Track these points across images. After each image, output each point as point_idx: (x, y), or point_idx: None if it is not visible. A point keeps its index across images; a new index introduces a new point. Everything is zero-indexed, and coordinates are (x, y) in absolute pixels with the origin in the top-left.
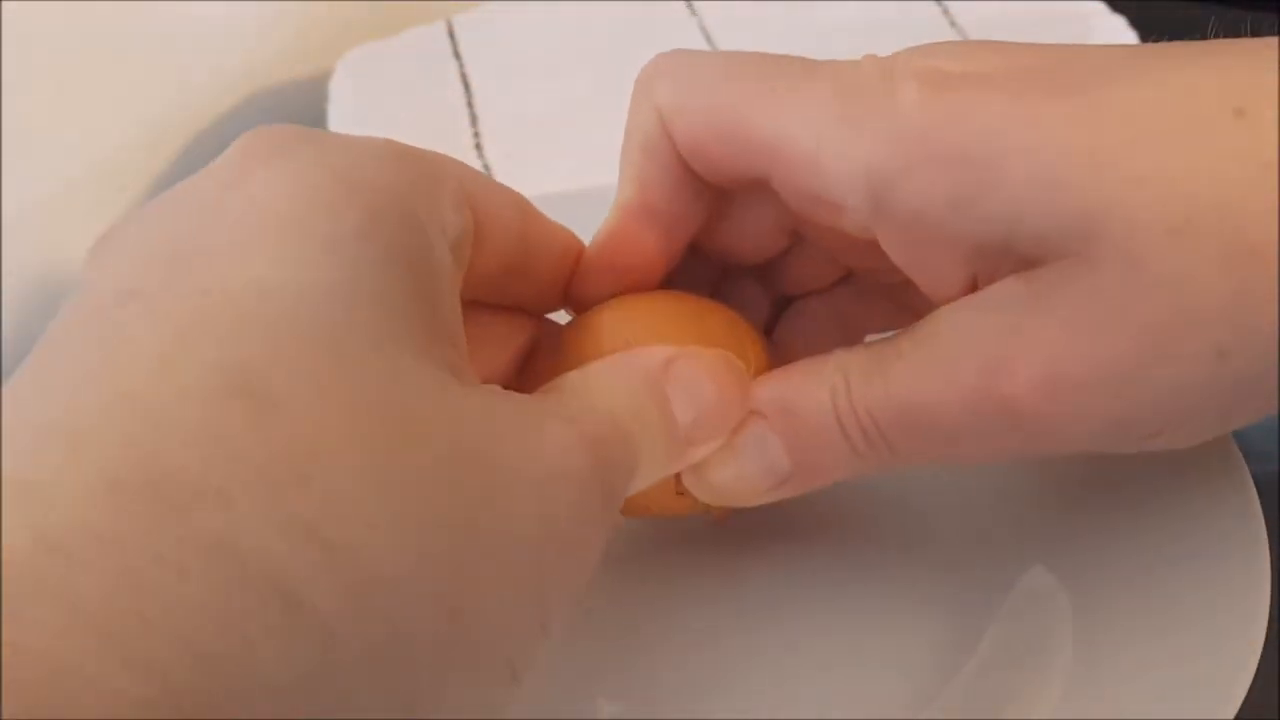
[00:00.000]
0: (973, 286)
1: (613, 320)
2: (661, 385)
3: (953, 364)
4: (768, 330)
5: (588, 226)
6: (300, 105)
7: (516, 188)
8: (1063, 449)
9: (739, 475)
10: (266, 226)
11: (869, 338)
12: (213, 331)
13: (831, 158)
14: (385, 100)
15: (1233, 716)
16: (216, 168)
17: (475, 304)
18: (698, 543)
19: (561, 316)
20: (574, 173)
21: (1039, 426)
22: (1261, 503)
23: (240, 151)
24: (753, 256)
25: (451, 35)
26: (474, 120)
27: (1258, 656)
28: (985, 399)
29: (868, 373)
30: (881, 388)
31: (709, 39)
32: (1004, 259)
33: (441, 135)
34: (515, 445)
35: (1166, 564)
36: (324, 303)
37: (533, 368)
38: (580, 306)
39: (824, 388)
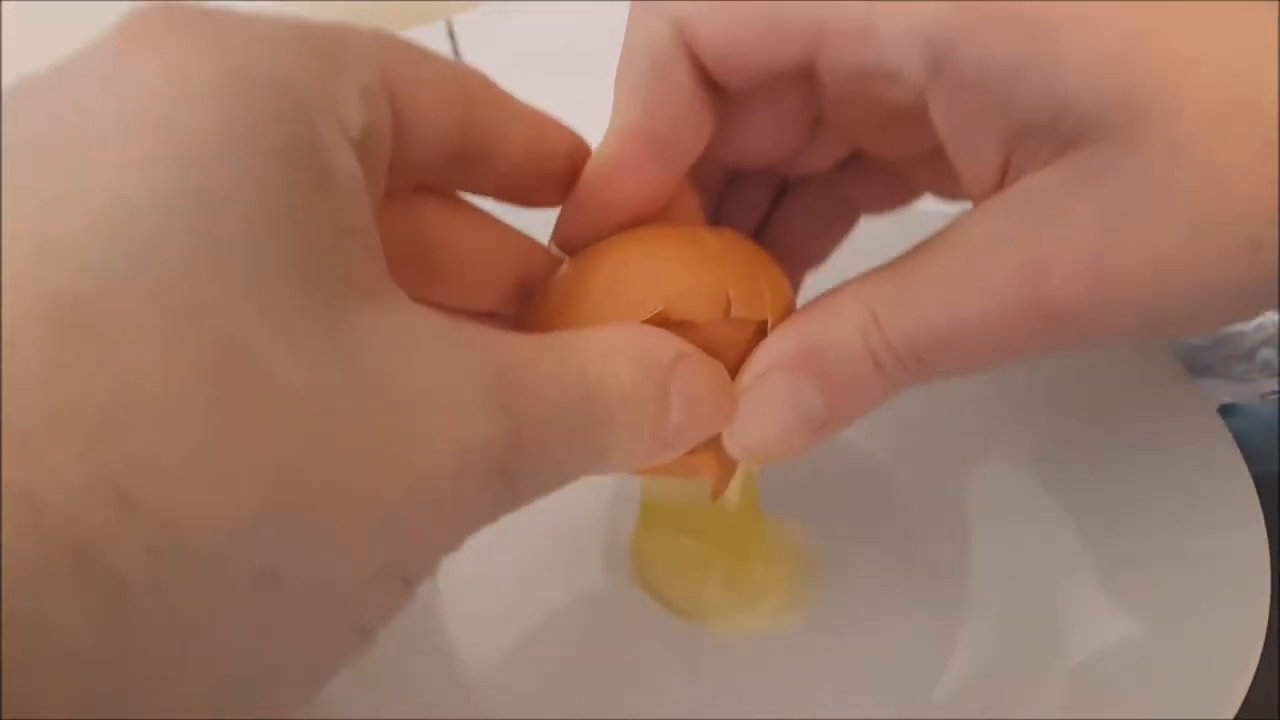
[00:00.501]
0: (1002, 177)
1: (619, 269)
2: (667, 383)
3: (988, 273)
4: (765, 216)
5: None
6: None
7: None
8: (1093, 345)
9: (780, 434)
10: (130, 128)
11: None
12: (56, 254)
13: (887, 24)
14: None
15: (1233, 716)
16: (92, 52)
17: (468, 213)
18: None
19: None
20: None
21: (1078, 325)
22: (1261, 503)
23: (118, 36)
24: (764, 158)
25: (451, 35)
26: None
27: (1258, 656)
28: (1027, 304)
29: (894, 301)
30: (914, 314)
31: None
32: (1045, 141)
33: None
34: (397, 398)
35: (1166, 564)
36: (183, 221)
37: (530, 309)
38: (570, 245)
39: (851, 328)
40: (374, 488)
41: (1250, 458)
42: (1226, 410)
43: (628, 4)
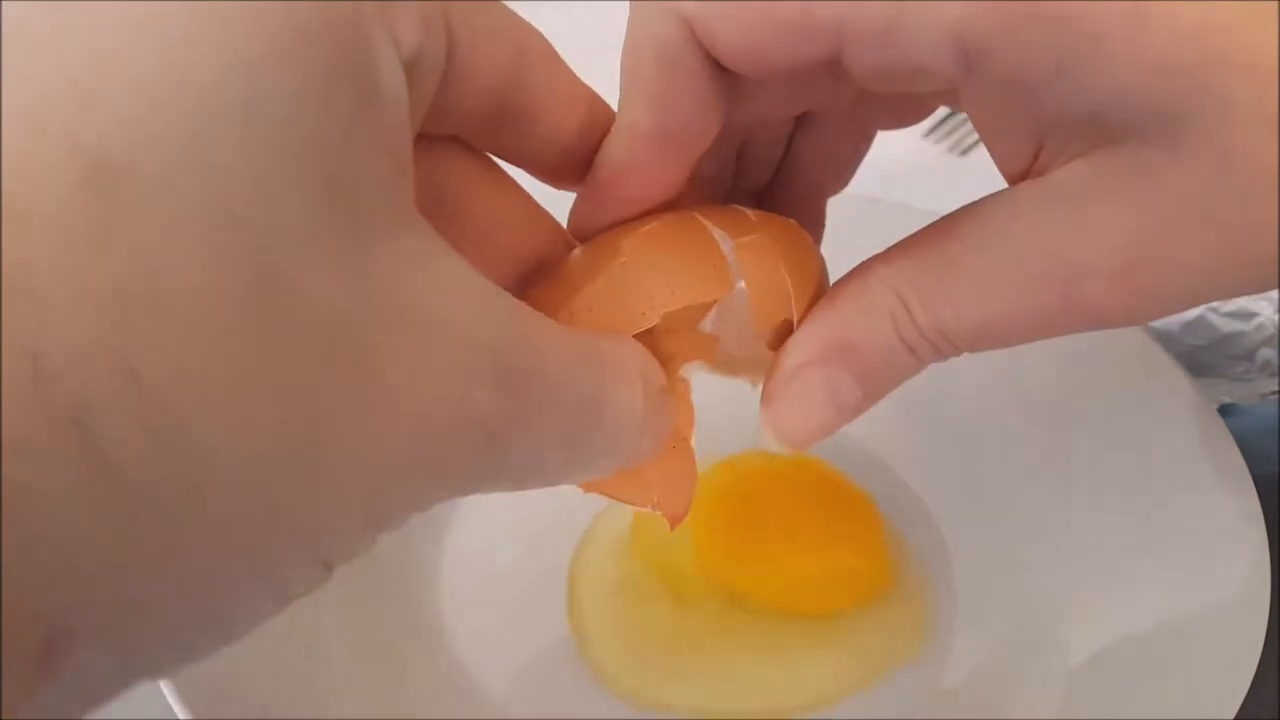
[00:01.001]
0: (1033, 161)
1: (625, 271)
2: (656, 413)
3: (1025, 274)
4: (782, 157)
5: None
6: None
7: None
8: (1119, 326)
9: (819, 424)
10: (192, 9)
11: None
12: (96, 107)
13: (914, 23)
14: None
15: (1233, 716)
16: None
17: (498, 177)
18: None
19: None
20: None
21: (1110, 321)
22: (1261, 503)
23: None
24: (780, 118)
25: None
26: None
27: (1258, 657)
28: (1062, 305)
29: (927, 293)
30: (949, 307)
31: None
32: (1080, 135)
33: None
34: (411, 341)
35: (1167, 564)
36: (229, 115)
37: (537, 287)
38: (583, 235)
39: (884, 318)
40: (371, 427)
41: (1250, 457)
42: (1226, 410)
43: (628, 4)
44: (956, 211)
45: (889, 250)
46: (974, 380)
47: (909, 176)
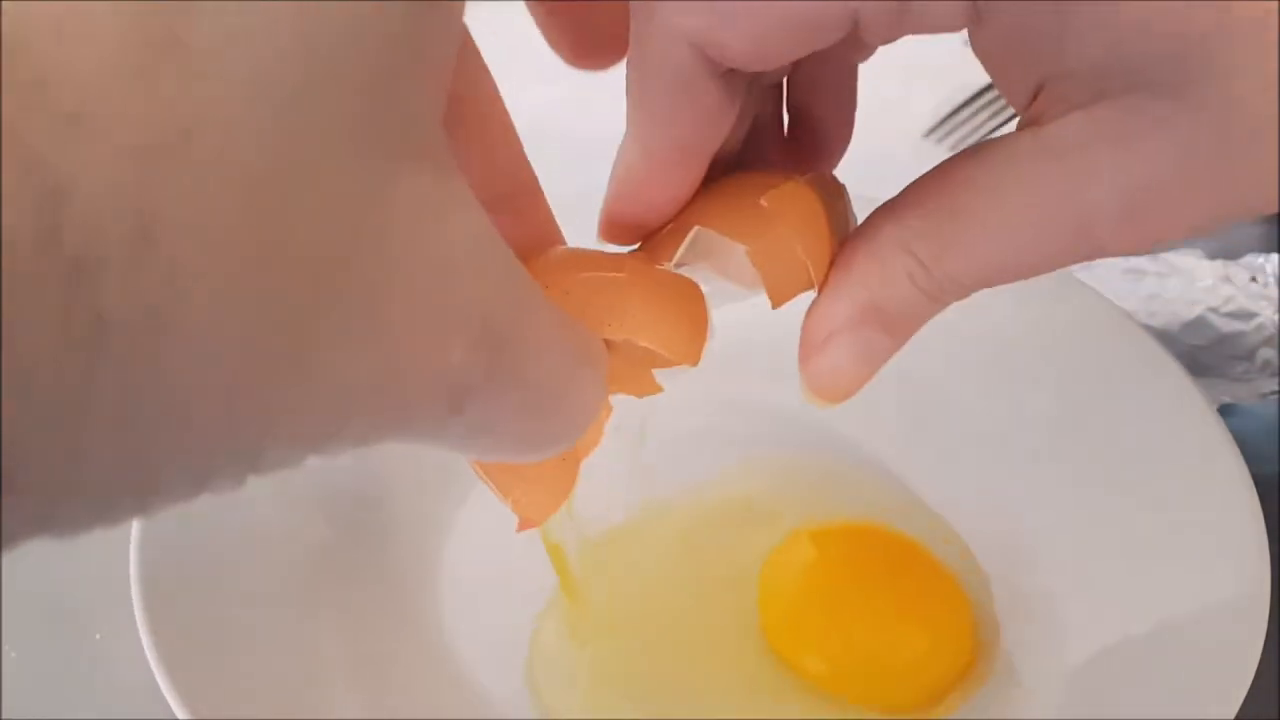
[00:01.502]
0: (1034, 97)
1: (625, 290)
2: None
3: (1038, 223)
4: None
5: (587, 227)
6: None
7: None
8: (1124, 255)
9: (854, 381)
10: None
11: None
12: None
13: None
14: None
15: (1233, 716)
16: None
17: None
18: None
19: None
20: (571, 173)
21: (1118, 254)
22: (1261, 503)
23: None
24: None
25: None
26: None
27: (1258, 656)
28: (1074, 246)
29: (941, 248)
30: (963, 260)
31: None
32: (1083, 85)
33: None
34: (403, 284)
35: (1167, 564)
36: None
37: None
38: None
39: (901, 277)
40: (350, 353)
41: (1249, 457)
42: (1226, 410)
43: (628, 3)
44: (959, 157)
45: (895, 203)
46: (973, 380)
47: (909, 176)
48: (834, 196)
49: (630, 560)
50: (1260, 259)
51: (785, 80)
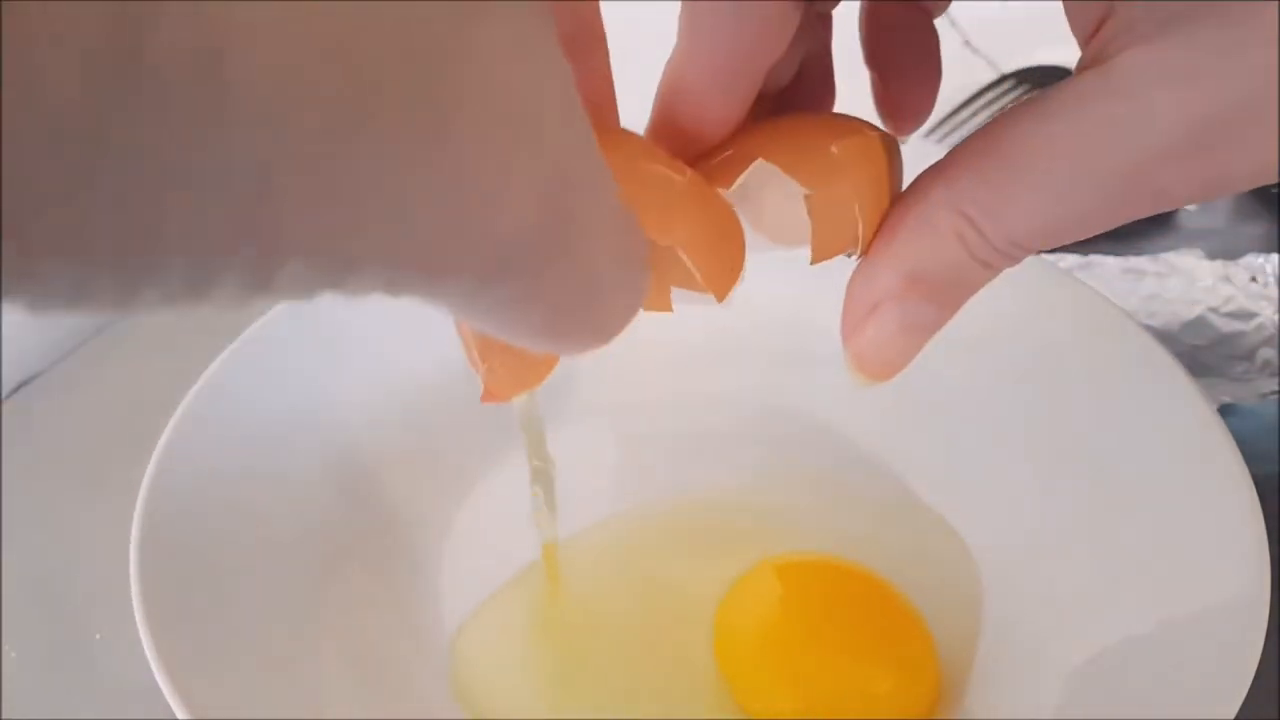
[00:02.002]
0: (1098, 27)
1: (675, 197)
2: None
3: (1096, 169)
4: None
5: None
6: None
7: None
8: (1185, 205)
9: (901, 354)
10: None
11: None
12: None
13: None
14: None
15: (1233, 717)
16: None
17: None
18: None
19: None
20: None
21: (1180, 203)
22: (1261, 503)
23: None
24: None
25: None
26: None
27: (1258, 657)
28: (1135, 197)
29: (994, 207)
30: (1019, 219)
31: None
32: (1151, 10)
33: None
34: (489, 115)
35: (1166, 564)
36: None
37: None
38: None
39: (951, 242)
40: (410, 179)
41: (1249, 457)
42: (1226, 410)
43: (628, 4)
44: (1009, 113)
45: (943, 164)
46: (971, 379)
47: (909, 176)
48: (895, 158)
49: (594, 567)
50: (1260, 259)
51: (861, 37)
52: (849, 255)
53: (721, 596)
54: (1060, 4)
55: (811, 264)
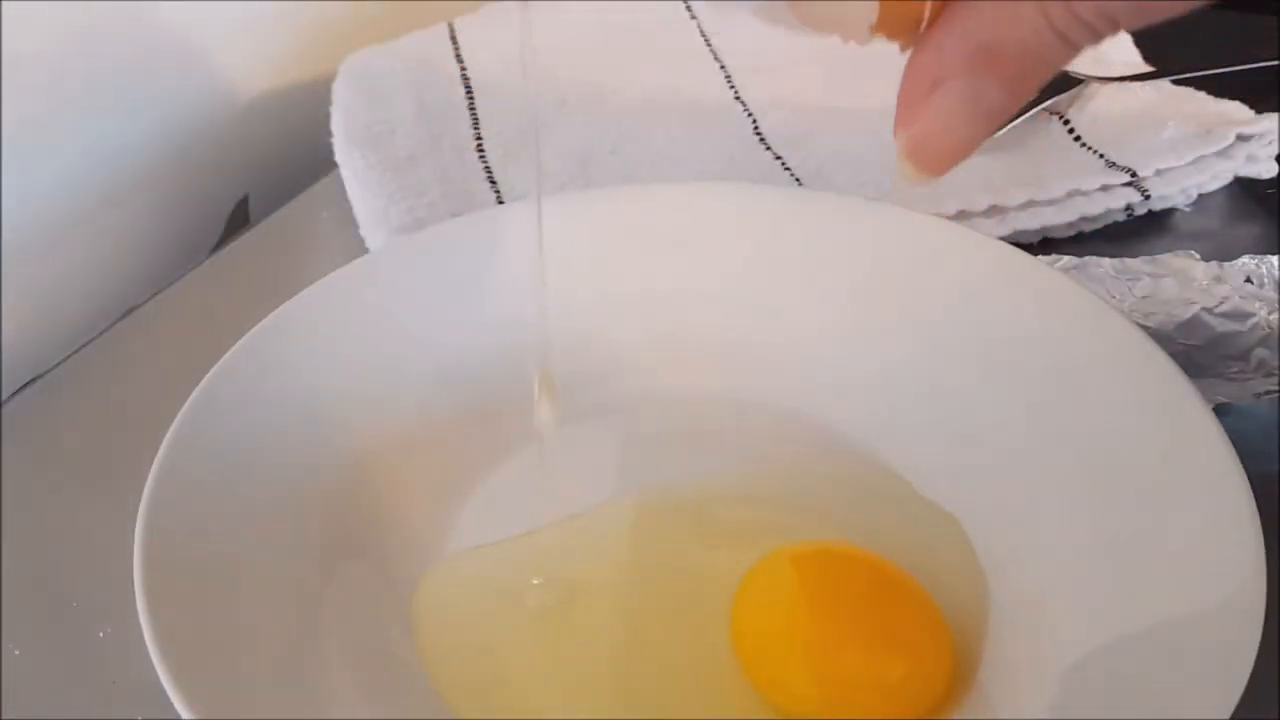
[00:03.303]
0: None
1: None
2: None
3: None
4: None
5: (587, 227)
6: (304, 107)
7: (516, 189)
8: None
9: (963, 140)
10: None
11: None
12: None
13: None
14: (388, 102)
15: (1227, 717)
16: None
17: None
18: None
19: None
20: (575, 174)
21: None
22: (1260, 503)
23: None
24: None
25: (453, 38)
26: (475, 122)
27: (1253, 656)
28: None
29: None
30: None
31: (708, 41)
32: None
33: (443, 136)
34: None
35: (1161, 564)
36: None
37: None
38: None
39: (1031, 9)
40: None
41: (1244, 457)
42: (1220, 410)
43: (628, 4)
44: None
45: None
46: (967, 379)
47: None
48: None
49: (607, 551)
50: (1255, 260)
51: None
52: (899, 46)
53: (737, 584)
54: None
55: (860, 43)
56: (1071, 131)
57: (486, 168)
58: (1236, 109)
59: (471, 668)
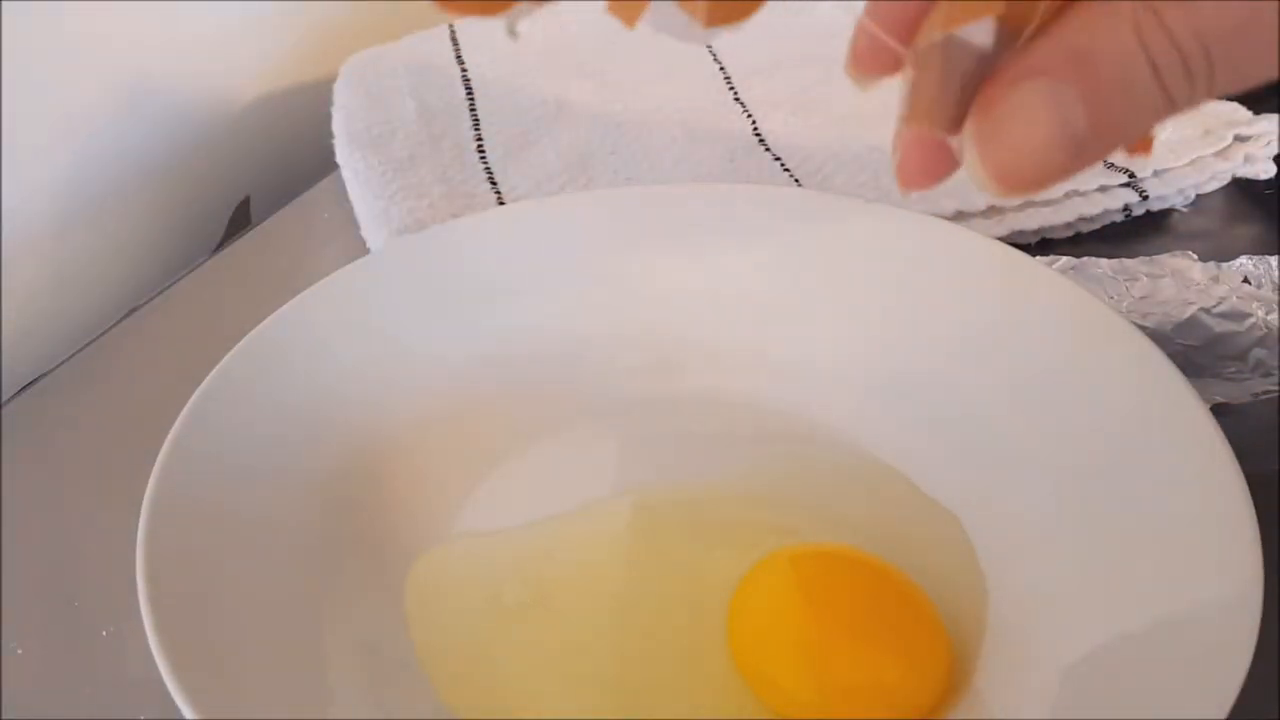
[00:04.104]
0: None
1: None
2: None
3: None
4: None
5: (587, 228)
6: (305, 108)
7: (517, 189)
8: None
9: (1039, 146)
10: None
11: None
12: None
13: None
14: (388, 103)
15: (1224, 717)
16: None
17: None
18: None
19: None
20: (575, 174)
21: None
22: (1259, 503)
23: None
24: None
25: (454, 39)
26: (476, 123)
27: (1250, 656)
28: None
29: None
30: (1211, 5)
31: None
32: None
33: (444, 137)
34: None
35: (1158, 564)
36: None
37: None
38: None
39: (1125, 27)
40: None
41: (1242, 456)
42: (1218, 410)
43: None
44: None
45: None
46: (965, 379)
47: None
48: None
49: (605, 550)
50: (1253, 261)
51: None
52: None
53: (734, 584)
54: None
55: (960, 18)
56: None
57: (487, 168)
58: (1234, 110)
59: (469, 668)
